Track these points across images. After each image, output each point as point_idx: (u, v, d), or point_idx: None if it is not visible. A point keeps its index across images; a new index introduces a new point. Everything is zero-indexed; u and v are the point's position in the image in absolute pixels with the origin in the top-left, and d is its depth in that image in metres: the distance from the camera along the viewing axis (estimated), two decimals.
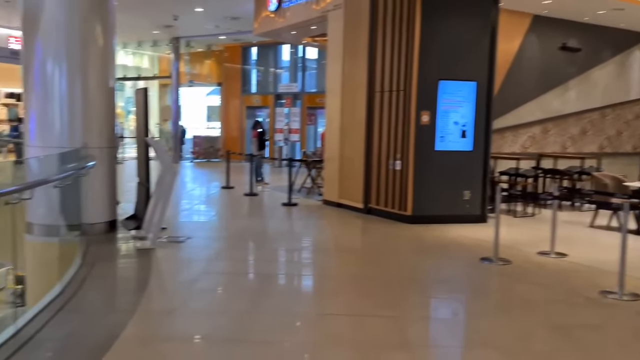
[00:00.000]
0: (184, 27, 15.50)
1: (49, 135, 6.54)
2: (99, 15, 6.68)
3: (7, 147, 16.43)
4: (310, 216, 8.93)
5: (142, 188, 7.48)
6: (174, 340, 3.75)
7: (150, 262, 5.79)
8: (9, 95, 22.00)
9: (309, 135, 17.76)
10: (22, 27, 6.68)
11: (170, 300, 4.64)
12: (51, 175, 4.66)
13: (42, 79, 6.51)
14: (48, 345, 3.61)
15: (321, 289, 5.16)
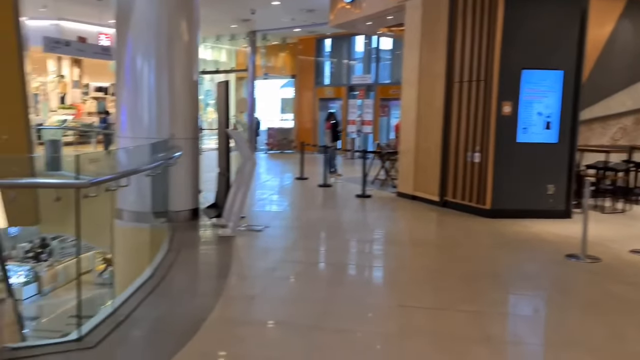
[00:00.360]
0: (261, 20, 15.83)
1: (138, 126, 6.91)
2: (185, 11, 6.97)
3: (96, 138, 17.48)
4: (385, 208, 8.90)
5: (222, 178, 7.76)
6: (256, 324, 3.89)
7: (231, 250, 6.00)
8: (98, 89, 23.44)
9: (381, 126, 17.65)
10: (115, 26, 7.07)
11: (251, 286, 4.79)
12: (144, 164, 4.93)
13: (133, 74, 6.88)
14: (142, 324, 3.85)
15: (397, 280, 5.14)
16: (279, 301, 4.42)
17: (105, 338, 3.47)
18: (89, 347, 3.33)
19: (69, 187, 3.49)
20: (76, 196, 3.52)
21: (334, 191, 10.57)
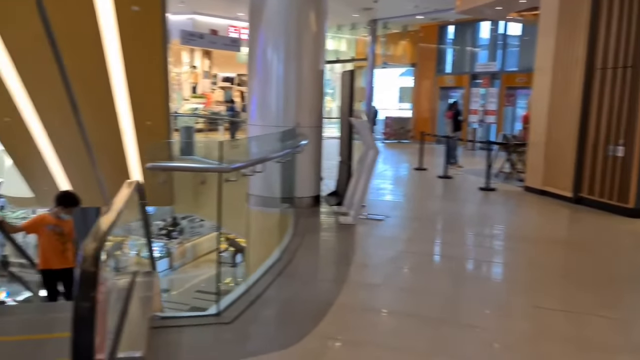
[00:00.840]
0: (383, 8, 15.71)
1: (267, 115, 7.21)
2: (313, 2, 7.11)
3: (223, 126, 18.53)
4: (511, 202, 8.48)
5: (343, 166, 7.87)
6: (381, 313, 3.91)
7: (353, 237, 6.07)
8: (225, 79, 24.81)
9: (506, 117, 16.78)
10: (249, 19, 7.41)
11: (373, 275, 4.82)
12: (275, 151, 5.15)
13: (264, 64, 7.17)
14: (273, 304, 4.04)
15: (527, 279, 4.87)
16: (403, 291, 4.41)
17: (240, 315, 3.69)
18: (226, 322, 3.56)
19: (213, 171, 3.73)
20: (219, 180, 3.76)
21: (455, 183, 10.27)
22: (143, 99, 8.31)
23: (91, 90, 8.05)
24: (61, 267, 5.22)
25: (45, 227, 5.17)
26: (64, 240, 5.25)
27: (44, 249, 5.21)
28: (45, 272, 5.26)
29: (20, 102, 8.11)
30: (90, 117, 8.50)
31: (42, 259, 5.23)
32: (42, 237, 5.20)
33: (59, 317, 3.63)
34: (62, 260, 5.22)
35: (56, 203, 5.28)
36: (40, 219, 5.32)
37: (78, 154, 9.33)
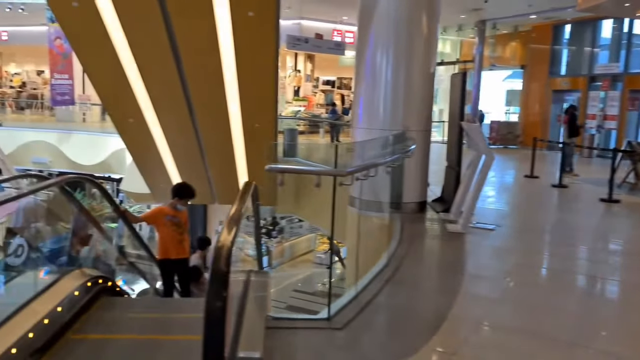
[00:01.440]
0: (493, 9, 15.06)
1: (374, 118, 7.13)
2: (425, 3, 6.92)
3: (324, 128, 18.72)
4: (636, 216, 7.72)
5: (451, 172, 7.59)
6: (502, 330, 3.66)
7: (463, 247, 5.82)
8: (326, 82, 25.12)
9: (629, 122, 15.39)
10: (358, 21, 7.37)
11: (489, 288, 4.56)
12: (388, 155, 5.05)
13: (372, 68, 7.09)
14: (384, 311, 3.95)
15: None
16: (522, 307, 4.12)
17: (351, 321, 3.63)
18: (338, 327, 3.51)
19: (329, 174, 3.71)
20: (334, 183, 3.73)
21: (571, 193, 9.56)
22: (253, 102, 8.57)
23: (206, 93, 8.44)
24: (178, 257, 5.42)
25: (164, 218, 5.35)
26: (180, 230, 5.43)
27: (163, 240, 5.40)
28: (164, 261, 5.46)
29: (143, 105, 8.68)
30: (204, 119, 8.92)
31: (161, 249, 5.42)
32: (161, 228, 5.40)
33: (178, 317, 3.79)
34: (179, 251, 5.41)
35: (173, 194, 5.47)
36: (159, 210, 5.51)
37: (191, 154, 9.85)
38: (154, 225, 5.63)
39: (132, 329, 3.52)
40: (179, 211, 5.45)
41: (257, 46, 7.56)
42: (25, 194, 4.41)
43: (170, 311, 4.15)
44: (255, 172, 10.31)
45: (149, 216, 5.70)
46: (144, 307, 4.20)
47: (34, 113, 22.31)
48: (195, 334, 3.01)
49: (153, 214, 5.64)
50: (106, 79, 8.13)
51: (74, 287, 3.55)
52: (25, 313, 3.02)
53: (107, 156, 16.08)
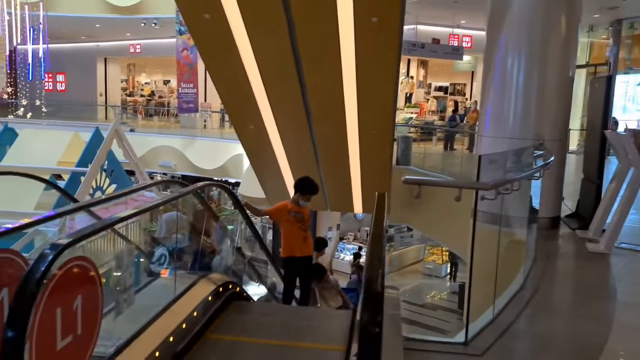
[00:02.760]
0: (632, 7, 13.70)
1: (502, 126, 6.69)
2: (565, 3, 6.37)
3: (436, 136, 18.13)
4: None
5: (589, 185, 6.91)
6: None
7: (608, 269, 5.22)
8: (439, 88, 24.45)
9: None
10: (487, 25, 6.98)
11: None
12: (526, 167, 4.66)
13: (502, 73, 6.67)
14: (525, 339, 3.59)
15: None
16: None
17: (490, 347, 3.33)
18: (477, 354, 3.24)
19: (471, 187, 3.45)
20: (475, 198, 3.46)
21: None
22: (371, 109, 8.43)
23: (324, 100, 8.43)
24: (302, 255, 5.13)
25: (288, 214, 5.06)
26: (304, 227, 5.15)
27: (288, 237, 5.12)
28: (289, 260, 5.18)
29: (264, 112, 8.89)
30: (321, 126, 8.94)
31: (286, 247, 5.14)
32: (285, 224, 5.12)
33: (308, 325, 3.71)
34: (303, 248, 5.12)
35: (295, 190, 5.21)
36: (283, 206, 5.18)
37: (306, 160, 9.93)
38: (277, 221, 5.35)
39: (264, 335, 3.50)
40: (302, 207, 5.16)
41: (379, 52, 7.40)
42: (166, 202, 4.59)
43: (303, 319, 4.10)
44: (369, 179, 10.18)
45: (273, 211, 5.36)
46: (274, 314, 4.18)
47: (161, 120, 24.03)
48: (325, 343, 2.87)
49: (277, 208, 5.30)
50: (230, 86, 8.42)
51: (208, 292, 3.60)
52: (165, 318, 3.07)
53: (225, 161, 16.85)
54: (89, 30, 20.50)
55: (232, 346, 3.27)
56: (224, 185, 5.29)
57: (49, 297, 1.95)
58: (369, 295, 1.77)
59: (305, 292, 5.43)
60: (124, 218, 2.68)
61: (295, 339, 3.32)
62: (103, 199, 3.18)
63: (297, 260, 5.14)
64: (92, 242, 3.26)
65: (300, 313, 4.41)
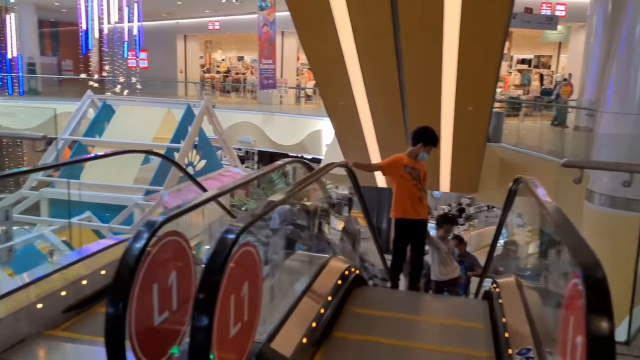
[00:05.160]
0: None
1: (628, 101, 6.14)
2: None
3: (522, 111, 17.15)
4: None
5: None
6: None
7: None
8: (522, 61, 23.21)
9: None
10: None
11: None
12: None
13: (629, 43, 6.09)
14: None
15: None
16: None
17: None
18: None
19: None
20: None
21: None
22: (470, 83, 8.02)
23: (421, 74, 8.11)
24: (418, 218, 4.55)
25: (403, 169, 4.49)
26: (420, 186, 4.54)
27: (400, 195, 4.53)
28: (400, 222, 4.58)
29: (356, 88, 8.68)
30: (414, 101, 8.62)
31: (398, 207, 4.54)
32: (399, 180, 4.52)
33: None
34: (418, 210, 4.52)
35: (414, 140, 4.56)
36: (398, 159, 4.58)
37: (395, 137, 9.64)
38: (390, 177, 4.70)
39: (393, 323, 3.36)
40: (418, 162, 4.54)
41: (485, 23, 6.97)
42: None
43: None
44: (460, 158, 9.79)
45: (386, 164, 4.67)
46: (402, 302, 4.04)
47: (237, 96, 24.35)
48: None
49: (391, 161, 4.64)
50: (324, 61, 8.28)
51: (337, 276, 3.49)
52: (303, 304, 2.97)
53: (304, 137, 16.83)
54: (171, 7, 20.92)
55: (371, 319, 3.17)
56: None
57: (227, 283, 1.87)
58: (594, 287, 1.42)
59: (418, 263, 4.78)
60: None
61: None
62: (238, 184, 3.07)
63: (411, 223, 4.53)
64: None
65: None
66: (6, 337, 2.57)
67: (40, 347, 2.71)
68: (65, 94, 20.28)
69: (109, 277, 3.29)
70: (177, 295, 2.14)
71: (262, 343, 2.37)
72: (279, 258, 3.16)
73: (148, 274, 1.90)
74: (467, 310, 3.57)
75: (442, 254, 5.55)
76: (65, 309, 2.95)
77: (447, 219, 6.25)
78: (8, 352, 2.56)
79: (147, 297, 1.92)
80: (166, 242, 2.05)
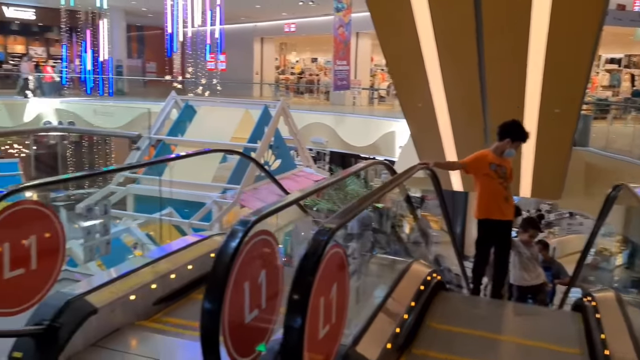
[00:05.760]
0: None
1: None
2: None
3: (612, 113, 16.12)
4: None
5: None
6: None
7: None
8: (610, 60, 21.85)
9: None
10: None
11: None
12: None
13: None
14: None
15: None
16: None
17: None
18: None
19: None
20: None
21: None
22: (558, 84, 7.61)
23: (504, 74, 7.80)
24: (503, 219, 4.31)
25: (488, 166, 4.26)
26: (506, 184, 4.31)
27: (485, 194, 4.33)
28: (484, 223, 4.37)
29: (435, 90, 8.49)
30: (496, 102, 8.32)
31: (482, 207, 4.34)
32: (483, 178, 4.32)
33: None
34: (503, 210, 4.29)
35: (501, 135, 4.34)
36: (483, 156, 4.38)
37: (473, 139, 9.34)
38: (474, 176, 4.46)
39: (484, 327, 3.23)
40: (504, 159, 4.32)
41: (575, 22, 6.58)
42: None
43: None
44: (543, 162, 9.34)
45: (470, 161, 4.43)
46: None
47: (311, 97, 24.58)
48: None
49: (475, 158, 4.42)
50: (403, 63, 8.17)
51: (420, 281, 3.40)
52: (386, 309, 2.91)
53: (377, 139, 16.72)
54: (249, 10, 21.45)
55: (452, 336, 3.05)
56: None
57: (319, 284, 1.85)
58: None
59: (502, 267, 4.53)
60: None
61: None
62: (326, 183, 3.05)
63: (496, 224, 4.29)
64: None
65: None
66: (102, 326, 2.70)
67: (133, 337, 2.82)
68: (149, 94, 21.34)
69: (195, 272, 3.43)
70: (266, 293, 2.15)
71: (347, 346, 2.34)
72: (361, 261, 3.12)
73: (241, 271, 1.92)
74: (558, 327, 3.36)
75: (524, 259, 5.29)
76: (155, 301, 3.07)
77: (533, 223, 5.92)
78: (104, 340, 2.69)
79: (239, 294, 1.94)
80: (258, 240, 2.07)
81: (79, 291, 2.69)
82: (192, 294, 3.32)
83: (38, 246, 2.40)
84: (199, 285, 3.38)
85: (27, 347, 2.45)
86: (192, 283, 3.37)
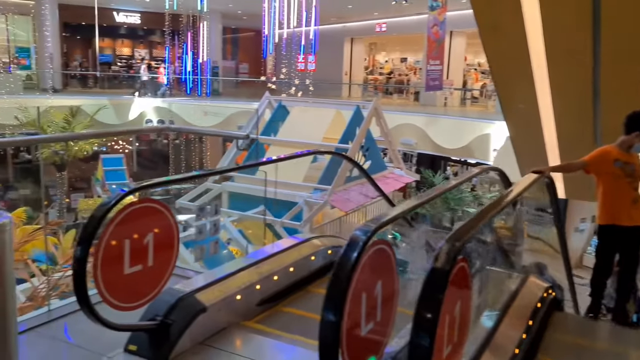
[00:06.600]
0: None
1: None
2: None
3: None
4: None
5: None
6: None
7: None
8: None
9: None
10: None
11: None
12: None
13: None
14: None
15: None
16: None
17: None
18: None
19: None
20: None
21: None
22: None
23: (621, 72, 7.16)
24: (631, 225, 3.81)
25: (613, 163, 3.81)
26: (635, 184, 3.83)
27: (609, 196, 3.87)
28: (609, 229, 3.88)
29: (540, 91, 8.00)
30: (610, 104, 7.67)
31: (606, 211, 3.88)
32: (607, 178, 3.87)
33: None
34: (631, 215, 3.82)
35: (628, 128, 3.86)
36: (606, 151, 3.90)
37: (581, 143, 8.68)
38: (595, 175, 3.98)
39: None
40: (632, 155, 3.85)
41: None
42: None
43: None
44: None
45: (592, 159, 3.93)
46: None
47: (399, 98, 24.21)
48: None
49: (597, 155, 3.93)
50: (507, 63, 7.76)
51: (537, 298, 3.14)
52: (503, 328, 2.68)
53: (470, 141, 16.12)
54: (341, 11, 21.50)
55: None
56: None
57: (446, 301, 1.70)
58: None
59: (627, 279, 4.01)
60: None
61: None
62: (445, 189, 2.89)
63: (622, 230, 3.80)
64: None
65: None
66: (210, 325, 2.71)
67: (237, 337, 2.82)
68: (241, 95, 21.99)
69: (297, 274, 3.39)
70: (381, 305, 2.05)
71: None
72: (481, 276, 2.91)
73: (360, 282, 1.83)
74: None
75: None
76: (259, 302, 3.05)
77: None
78: (212, 338, 2.70)
79: (357, 305, 1.86)
80: (376, 250, 1.96)
81: (190, 289, 2.72)
82: (293, 295, 3.30)
83: (155, 243, 2.44)
84: (300, 287, 3.35)
85: (141, 341, 2.50)
86: (293, 285, 3.34)
